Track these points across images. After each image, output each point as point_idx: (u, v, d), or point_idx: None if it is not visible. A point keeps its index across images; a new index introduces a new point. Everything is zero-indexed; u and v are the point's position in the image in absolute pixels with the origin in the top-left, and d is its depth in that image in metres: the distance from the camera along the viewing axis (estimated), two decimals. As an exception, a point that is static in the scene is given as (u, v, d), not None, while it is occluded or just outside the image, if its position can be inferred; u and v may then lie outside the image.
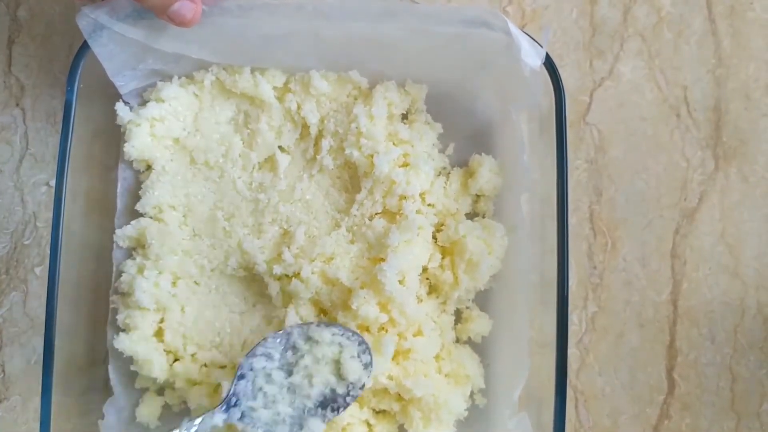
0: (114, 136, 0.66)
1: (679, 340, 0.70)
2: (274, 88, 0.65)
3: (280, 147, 0.66)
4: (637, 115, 0.72)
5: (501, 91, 0.63)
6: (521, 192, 0.62)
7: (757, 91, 0.72)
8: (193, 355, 0.64)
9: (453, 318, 0.65)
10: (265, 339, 0.58)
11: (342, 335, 0.58)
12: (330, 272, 0.62)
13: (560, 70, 0.60)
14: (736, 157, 0.72)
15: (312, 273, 0.62)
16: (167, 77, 0.66)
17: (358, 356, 0.58)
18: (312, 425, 0.56)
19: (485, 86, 0.65)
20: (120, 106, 0.64)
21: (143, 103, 0.66)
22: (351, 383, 0.58)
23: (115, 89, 0.64)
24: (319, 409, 0.57)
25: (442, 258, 0.65)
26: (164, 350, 0.64)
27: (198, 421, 0.55)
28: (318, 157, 0.65)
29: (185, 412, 0.65)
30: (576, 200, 0.71)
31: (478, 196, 0.66)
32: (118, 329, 0.64)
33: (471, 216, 0.67)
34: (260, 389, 0.57)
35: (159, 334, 0.65)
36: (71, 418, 0.60)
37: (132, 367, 0.63)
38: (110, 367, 0.64)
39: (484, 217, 0.66)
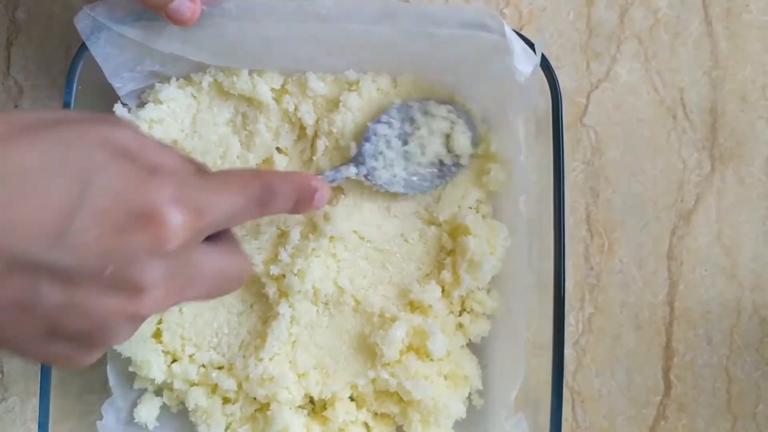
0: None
1: (676, 341, 0.70)
2: (272, 89, 0.65)
3: (277, 148, 0.66)
4: (634, 116, 0.72)
5: (497, 93, 0.63)
6: (519, 193, 0.62)
7: (754, 93, 0.73)
8: (191, 356, 0.65)
9: (457, 319, 0.65)
10: (388, 109, 0.64)
11: (455, 113, 0.64)
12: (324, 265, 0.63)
13: (557, 72, 0.60)
14: (733, 158, 0.72)
15: (308, 267, 0.62)
16: (165, 79, 0.66)
17: (467, 132, 0.64)
18: (421, 185, 0.64)
19: (481, 88, 0.65)
20: (118, 108, 0.65)
21: (141, 104, 0.66)
22: (457, 155, 0.64)
23: (114, 91, 0.64)
24: (428, 176, 0.64)
25: (446, 256, 0.65)
26: (162, 351, 0.64)
27: (335, 172, 0.62)
28: (314, 158, 0.66)
29: (184, 413, 0.65)
30: (573, 202, 0.71)
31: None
32: (116, 330, 0.64)
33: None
34: (380, 153, 0.63)
35: (157, 335, 0.65)
36: (69, 418, 0.60)
37: (130, 368, 0.63)
38: (108, 368, 0.64)
39: (483, 218, 0.66)
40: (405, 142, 0.64)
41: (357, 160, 0.63)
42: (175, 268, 0.39)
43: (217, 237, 0.45)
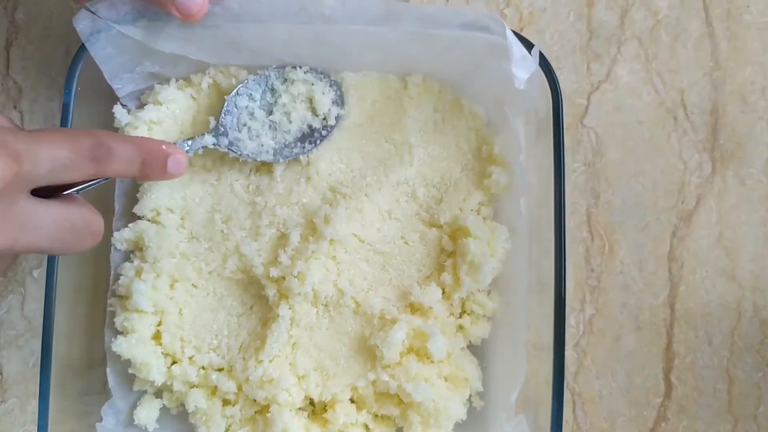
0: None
1: (676, 342, 0.70)
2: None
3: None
4: (635, 118, 0.72)
5: (498, 95, 0.63)
6: (519, 195, 0.62)
7: (754, 94, 0.73)
8: (191, 358, 0.64)
9: (457, 321, 0.65)
10: (246, 80, 0.64)
11: (313, 75, 0.65)
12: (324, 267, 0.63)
13: (557, 73, 0.60)
14: (733, 160, 0.72)
15: (308, 269, 0.62)
16: (165, 80, 0.66)
17: (329, 92, 0.65)
18: (291, 152, 0.65)
19: (482, 89, 0.65)
20: (118, 109, 0.64)
21: (141, 105, 0.66)
22: (324, 117, 0.65)
23: (113, 92, 0.64)
24: (298, 142, 0.65)
25: (446, 258, 0.65)
26: (162, 353, 0.64)
27: (191, 141, 0.61)
28: (313, 159, 0.65)
29: (183, 415, 0.65)
30: (573, 203, 0.71)
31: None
32: (116, 332, 0.64)
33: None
34: (245, 125, 0.64)
35: (157, 336, 0.65)
36: (69, 420, 0.60)
37: (130, 370, 0.63)
38: (108, 370, 0.64)
39: (484, 220, 0.66)
40: (270, 112, 0.64)
41: (217, 131, 0.63)
42: None
43: (61, 195, 0.47)
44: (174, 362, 0.65)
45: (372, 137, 0.67)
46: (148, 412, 0.64)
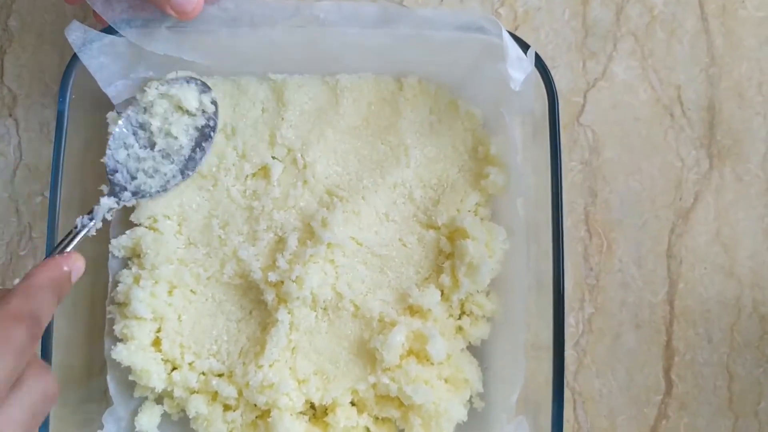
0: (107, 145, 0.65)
1: (676, 340, 0.70)
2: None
3: (273, 157, 0.66)
4: (631, 115, 0.72)
5: (494, 95, 0.63)
6: (517, 195, 0.62)
7: (750, 89, 0.72)
8: (190, 364, 0.64)
9: (456, 323, 0.65)
10: (110, 135, 0.62)
11: (163, 85, 0.63)
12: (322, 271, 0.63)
13: (553, 72, 0.60)
14: (730, 156, 0.72)
15: (306, 273, 0.62)
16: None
17: (189, 88, 0.64)
18: (195, 159, 0.64)
19: (478, 90, 0.65)
20: (111, 116, 0.64)
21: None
22: (202, 109, 0.64)
23: (108, 98, 0.64)
24: (197, 148, 0.64)
25: (445, 259, 0.65)
26: (162, 359, 0.64)
27: (90, 216, 0.58)
28: (309, 162, 0.65)
29: (185, 421, 0.65)
30: (571, 202, 0.71)
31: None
32: (116, 339, 0.64)
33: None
34: (137, 171, 0.63)
35: (156, 343, 0.65)
36: (69, 429, 0.60)
37: (130, 377, 0.63)
38: (108, 378, 0.64)
39: (482, 221, 0.66)
40: (153, 144, 0.63)
41: (113, 191, 0.62)
42: None
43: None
44: (174, 368, 0.65)
45: (368, 139, 0.67)
46: (149, 419, 0.64)
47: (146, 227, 0.65)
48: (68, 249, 0.55)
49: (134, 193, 0.62)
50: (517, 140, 0.62)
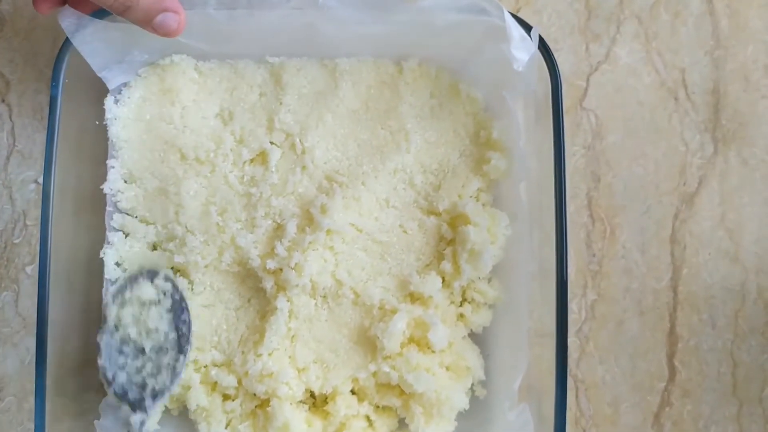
0: (102, 130, 0.64)
1: (680, 326, 0.69)
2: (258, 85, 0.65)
3: (271, 142, 0.65)
4: (635, 99, 0.71)
5: (496, 78, 0.62)
6: (519, 180, 0.61)
7: (756, 72, 0.71)
8: (194, 362, 0.63)
9: (458, 310, 0.64)
10: (103, 367, 0.60)
11: (121, 296, 0.61)
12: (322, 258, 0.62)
13: (555, 55, 0.58)
14: (736, 140, 0.71)
15: (305, 260, 0.61)
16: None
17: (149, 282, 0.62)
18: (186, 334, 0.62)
19: (480, 73, 0.64)
20: (109, 101, 0.63)
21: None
22: (169, 293, 0.62)
23: (103, 82, 0.63)
24: (180, 325, 0.62)
25: (446, 246, 0.64)
26: None
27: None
28: (308, 147, 0.64)
29: (183, 412, 0.64)
30: (574, 187, 0.70)
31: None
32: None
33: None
34: (142, 380, 0.61)
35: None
36: (66, 418, 0.60)
37: None
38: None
39: (484, 207, 0.65)
40: (142, 349, 0.61)
41: (136, 407, 0.60)
42: None
43: None
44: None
45: (367, 124, 0.66)
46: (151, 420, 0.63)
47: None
48: None
49: (154, 397, 0.61)
50: (520, 124, 0.61)
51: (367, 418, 0.64)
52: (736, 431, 0.68)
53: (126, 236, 0.65)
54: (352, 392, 0.64)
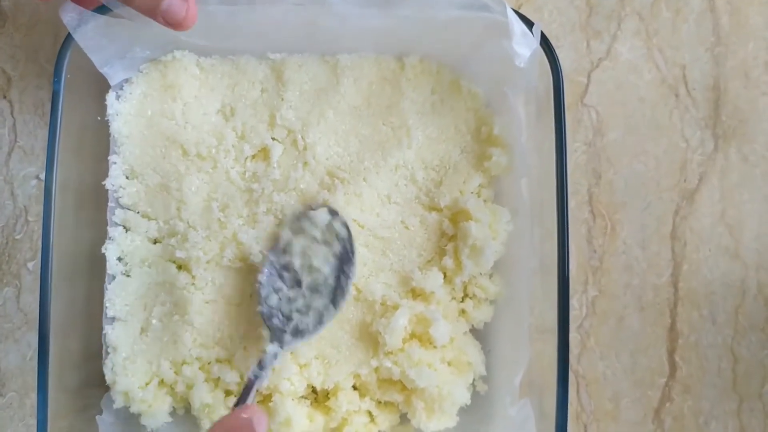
0: (104, 126, 0.64)
1: (680, 322, 0.70)
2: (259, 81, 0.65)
3: (273, 138, 0.65)
4: (636, 95, 0.71)
5: (497, 74, 0.62)
6: (520, 176, 0.61)
7: (756, 69, 0.71)
8: (198, 359, 0.63)
9: (459, 305, 0.64)
10: (259, 283, 0.61)
11: (296, 221, 0.62)
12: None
13: (556, 52, 0.59)
14: (736, 136, 0.71)
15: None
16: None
17: (322, 219, 0.62)
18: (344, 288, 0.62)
19: (481, 69, 0.64)
20: (110, 97, 0.63)
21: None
22: (342, 241, 0.62)
23: (105, 78, 0.63)
24: (341, 276, 0.62)
25: (447, 242, 0.64)
26: (167, 394, 0.64)
27: (260, 367, 0.59)
28: (309, 143, 0.64)
29: (188, 410, 0.64)
30: (575, 183, 0.70)
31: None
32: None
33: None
34: (291, 311, 0.61)
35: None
36: (68, 414, 0.60)
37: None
38: (105, 364, 0.63)
39: (485, 202, 0.65)
40: (298, 282, 0.61)
41: (274, 337, 0.60)
42: None
43: None
44: (184, 363, 0.64)
45: (369, 120, 0.66)
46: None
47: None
48: (248, 402, 0.57)
49: (294, 334, 0.61)
50: (521, 120, 0.61)
51: (369, 413, 0.64)
52: (736, 427, 0.69)
53: (127, 231, 0.65)
54: (354, 388, 0.64)
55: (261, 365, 0.59)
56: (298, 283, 0.61)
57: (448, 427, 0.63)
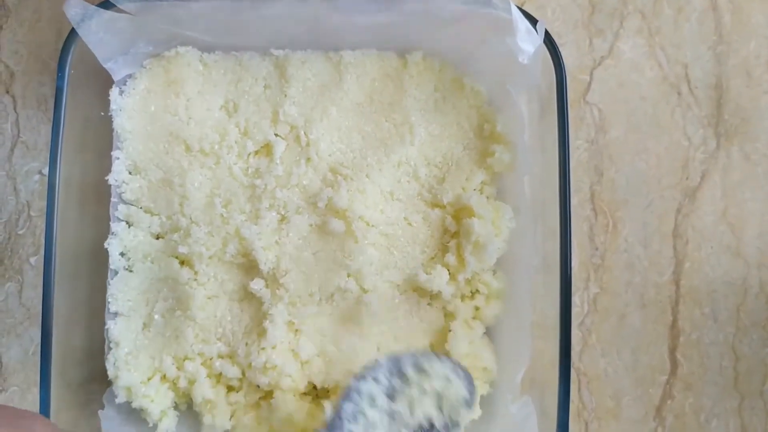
0: (107, 121, 0.64)
1: (682, 320, 0.70)
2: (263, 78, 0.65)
3: (276, 134, 0.65)
4: (638, 94, 0.71)
5: (500, 71, 0.62)
6: (523, 173, 0.61)
7: (758, 68, 0.72)
8: (200, 354, 0.63)
9: (472, 303, 0.64)
10: (377, 362, 0.56)
11: (452, 370, 0.57)
12: None
13: (559, 49, 0.59)
14: (738, 135, 0.71)
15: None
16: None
17: (463, 391, 0.56)
18: None
19: (484, 66, 0.64)
20: (114, 93, 0.63)
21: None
22: (450, 417, 0.56)
23: (108, 73, 0.63)
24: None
25: (450, 238, 0.64)
26: (168, 389, 0.64)
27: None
28: (312, 139, 0.64)
29: (191, 406, 0.64)
30: (577, 181, 0.70)
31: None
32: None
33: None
34: (362, 412, 0.55)
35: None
36: (71, 408, 0.60)
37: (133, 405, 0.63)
38: (107, 359, 0.64)
39: (488, 199, 0.65)
40: (391, 399, 0.55)
41: (333, 425, 0.54)
42: None
43: None
44: (186, 358, 0.64)
45: (372, 117, 0.66)
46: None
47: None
48: None
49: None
50: (524, 117, 0.61)
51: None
52: (737, 424, 0.69)
53: (130, 227, 0.65)
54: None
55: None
56: (391, 398, 0.55)
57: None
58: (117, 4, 0.57)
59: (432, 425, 0.55)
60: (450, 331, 0.62)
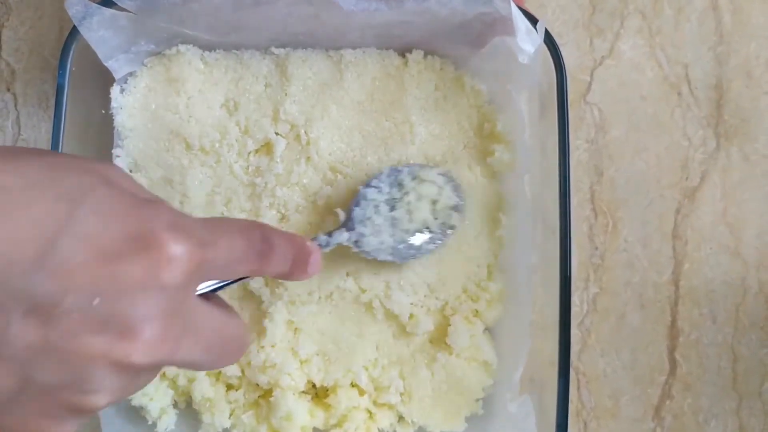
0: (108, 119, 0.64)
1: (681, 320, 0.70)
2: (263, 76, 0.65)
3: (276, 133, 0.65)
4: (638, 94, 0.71)
5: (501, 71, 0.62)
6: (523, 173, 0.62)
7: (759, 68, 0.72)
8: None
9: (472, 306, 0.64)
10: (379, 173, 0.62)
11: (444, 177, 0.62)
12: None
13: (560, 49, 0.59)
14: (738, 135, 0.71)
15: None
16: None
17: (453, 197, 0.62)
18: (407, 253, 0.61)
19: (484, 66, 0.64)
20: (114, 90, 0.63)
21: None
22: (443, 222, 0.61)
23: (109, 72, 0.63)
24: (413, 244, 0.61)
25: None
26: (168, 387, 0.64)
27: (329, 237, 0.58)
28: (313, 138, 0.65)
29: (190, 404, 0.64)
30: (577, 181, 0.70)
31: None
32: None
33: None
34: (369, 218, 0.60)
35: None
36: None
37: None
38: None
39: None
40: (392, 207, 0.61)
41: (348, 225, 0.59)
42: (171, 309, 0.33)
43: (209, 298, 0.40)
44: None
45: (372, 115, 0.66)
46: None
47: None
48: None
49: (356, 240, 0.59)
50: (524, 117, 0.62)
51: (368, 411, 0.64)
52: (735, 425, 0.69)
53: (131, 225, 0.65)
54: (353, 385, 0.64)
55: (330, 239, 0.58)
56: (391, 207, 0.61)
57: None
58: (118, 2, 0.57)
59: (429, 228, 0.61)
60: (450, 326, 0.62)
